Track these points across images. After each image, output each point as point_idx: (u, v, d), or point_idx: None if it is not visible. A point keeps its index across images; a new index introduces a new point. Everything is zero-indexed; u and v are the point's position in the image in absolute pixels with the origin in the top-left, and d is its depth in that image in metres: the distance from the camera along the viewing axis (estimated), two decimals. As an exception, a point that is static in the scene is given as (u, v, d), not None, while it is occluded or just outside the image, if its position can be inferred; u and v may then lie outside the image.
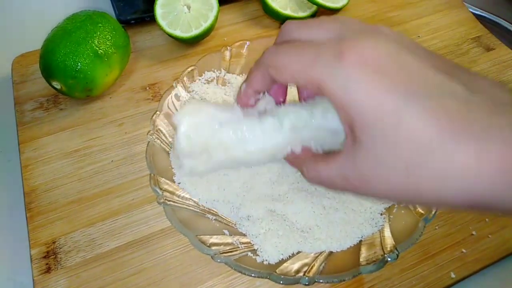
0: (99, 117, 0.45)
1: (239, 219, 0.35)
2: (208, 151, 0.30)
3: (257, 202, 0.35)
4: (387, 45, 0.21)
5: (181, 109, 0.30)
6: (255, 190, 0.36)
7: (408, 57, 0.21)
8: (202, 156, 0.30)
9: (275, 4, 0.53)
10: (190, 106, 0.30)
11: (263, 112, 0.30)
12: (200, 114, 0.30)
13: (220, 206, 0.36)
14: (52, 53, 0.40)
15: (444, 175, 0.19)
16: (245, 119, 0.30)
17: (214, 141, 0.29)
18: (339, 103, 0.21)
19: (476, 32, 0.55)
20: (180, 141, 0.29)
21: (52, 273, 0.35)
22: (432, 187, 0.20)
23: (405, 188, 0.21)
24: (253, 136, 0.30)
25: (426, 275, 0.35)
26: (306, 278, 0.30)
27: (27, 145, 0.42)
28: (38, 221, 0.37)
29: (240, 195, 0.36)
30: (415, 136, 0.19)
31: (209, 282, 0.34)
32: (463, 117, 0.19)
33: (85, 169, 0.41)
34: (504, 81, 0.50)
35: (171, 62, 0.50)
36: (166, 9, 0.48)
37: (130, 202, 0.39)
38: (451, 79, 0.20)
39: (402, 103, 0.19)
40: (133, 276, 0.35)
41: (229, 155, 0.30)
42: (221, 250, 0.32)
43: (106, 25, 0.43)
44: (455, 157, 0.19)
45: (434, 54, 0.23)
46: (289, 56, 0.24)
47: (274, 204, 0.35)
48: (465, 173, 0.19)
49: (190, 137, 0.29)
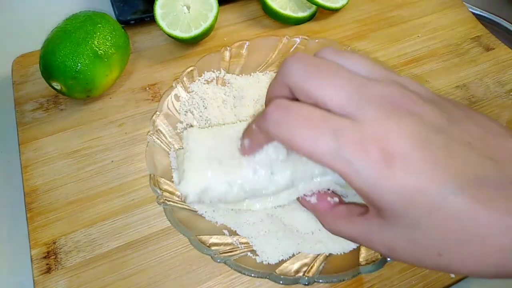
0: (99, 118, 0.45)
1: (238, 224, 0.35)
2: (216, 204, 0.33)
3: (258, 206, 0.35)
4: (408, 129, 0.20)
5: (186, 176, 0.31)
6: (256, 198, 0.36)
7: (433, 138, 0.20)
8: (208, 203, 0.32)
9: (274, 4, 0.53)
10: (193, 175, 0.30)
11: (275, 159, 0.30)
12: (206, 180, 0.30)
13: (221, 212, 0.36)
14: (52, 54, 0.40)
15: (482, 253, 0.19)
16: (253, 177, 0.30)
17: (222, 200, 0.31)
18: (364, 194, 0.21)
19: (476, 31, 0.55)
20: (188, 202, 0.31)
21: (52, 273, 0.35)
22: (466, 264, 0.20)
23: (435, 263, 0.21)
24: (261, 193, 0.31)
25: (425, 275, 0.35)
26: (305, 278, 0.30)
27: (27, 146, 0.42)
28: (39, 222, 0.37)
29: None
30: (454, 220, 0.19)
31: (209, 282, 0.35)
32: (499, 196, 0.19)
33: (85, 170, 0.41)
34: (503, 81, 0.50)
35: (171, 62, 0.50)
36: (165, 10, 0.48)
37: (130, 202, 0.39)
38: (483, 156, 0.20)
39: (435, 190, 0.19)
40: (133, 276, 0.35)
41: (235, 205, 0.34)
42: (221, 250, 0.32)
43: (105, 26, 0.43)
44: (494, 237, 0.19)
45: (458, 115, 0.22)
46: (302, 131, 0.21)
47: (274, 210, 0.35)
48: (503, 255, 0.19)
49: (199, 200, 0.31)
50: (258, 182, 0.30)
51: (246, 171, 0.30)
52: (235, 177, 0.30)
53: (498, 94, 0.49)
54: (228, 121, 0.41)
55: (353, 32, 0.55)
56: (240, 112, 0.42)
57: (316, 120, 0.21)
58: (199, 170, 0.30)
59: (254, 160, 0.30)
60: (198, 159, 0.31)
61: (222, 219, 0.35)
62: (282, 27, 0.55)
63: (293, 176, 0.30)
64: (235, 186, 0.30)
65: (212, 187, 0.30)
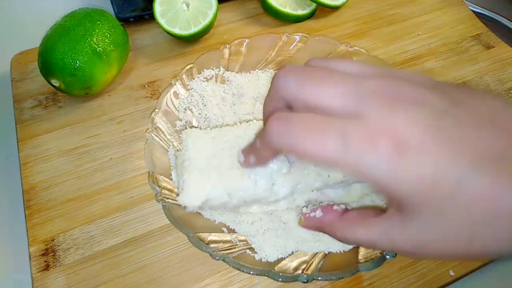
0: (98, 115, 0.45)
1: (237, 222, 0.35)
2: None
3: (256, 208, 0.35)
4: (413, 117, 0.20)
5: (186, 189, 0.31)
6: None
7: (441, 122, 0.20)
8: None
9: (274, 2, 0.53)
10: (193, 188, 0.31)
11: (277, 171, 0.30)
12: (206, 193, 0.31)
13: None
14: (51, 51, 0.40)
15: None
16: (254, 188, 0.30)
17: (221, 208, 0.32)
18: (382, 187, 0.20)
19: (476, 30, 0.55)
20: (188, 211, 0.32)
21: (50, 270, 0.35)
22: (502, 244, 0.19)
23: (469, 251, 0.20)
24: (260, 202, 0.32)
25: (425, 273, 0.35)
26: (304, 276, 0.30)
27: (26, 143, 0.42)
28: (37, 219, 0.37)
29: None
30: (479, 200, 0.19)
31: (208, 280, 0.34)
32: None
33: (84, 167, 0.41)
34: (503, 79, 0.50)
35: (170, 60, 0.50)
36: (165, 7, 0.48)
37: (129, 200, 0.39)
38: (494, 132, 0.20)
39: (453, 173, 0.19)
40: (132, 273, 0.35)
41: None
42: (219, 248, 0.32)
43: (104, 23, 0.43)
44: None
45: (459, 96, 0.21)
46: (307, 137, 0.21)
47: (273, 210, 0.35)
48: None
49: (199, 209, 0.32)
50: (258, 193, 0.30)
51: (246, 182, 0.30)
52: (235, 189, 0.30)
53: (498, 92, 0.49)
54: (227, 119, 0.41)
55: (353, 30, 0.54)
56: (239, 110, 0.42)
57: (320, 124, 0.21)
58: (198, 184, 0.30)
59: (255, 171, 0.30)
60: (198, 170, 0.31)
61: (220, 217, 0.35)
62: (281, 25, 0.55)
63: (293, 188, 0.30)
64: (235, 197, 0.31)
65: (212, 198, 0.31)
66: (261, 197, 0.31)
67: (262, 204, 0.33)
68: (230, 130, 0.34)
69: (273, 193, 0.31)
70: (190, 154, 0.32)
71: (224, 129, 0.35)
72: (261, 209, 0.34)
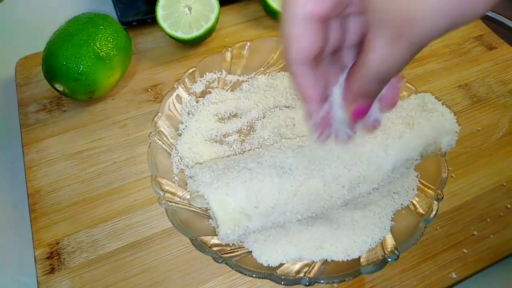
0: (101, 119, 0.45)
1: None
2: None
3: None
4: None
5: (221, 232, 0.31)
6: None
7: None
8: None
9: (276, 5, 0.53)
10: (228, 232, 0.31)
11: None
12: (242, 230, 0.32)
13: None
14: (54, 56, 0.41)
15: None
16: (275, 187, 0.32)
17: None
18: None
19: (478, 31, 0.55)
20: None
21: (55, 273, 0.35)
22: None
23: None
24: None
25: (427, 276, 0.35)
26: (306, 279, 0.31)
27: (31, 147, 0.43)
28: (42, 222, 0.38)
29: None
30: None
31: (211, 283, 0.35)
32: None
33: (88, 171, 0.41)
34: (506, 80, 0.50)
35: (173, 63, 0.50)
36: (167, 11, 0.48)
37: (132, 203, 0.39)
38: None
39: None
40: (136, 276, 0.35)
41: None
42: (222, 251, 0.32)
43: (108, 27, 0.43)
44: None
45: None
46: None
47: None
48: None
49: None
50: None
51: (270, 187, 0.32)
52: (266, 208, 0.31)
53: (500, 93, 0.49)
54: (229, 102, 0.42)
55: (355, 32, 0.54)
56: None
57: None
58: (233, 229, 0.31)
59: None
60: (230, 216, 0.31)
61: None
62: (283, 27, 0.55)
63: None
64: (272, 215, 0.32)
65: (250, 229, 0.32)
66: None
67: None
68: (240, 159, 0.35)
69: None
70: (217, 212, 0.31)
71: (233, 160, 0.35)
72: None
